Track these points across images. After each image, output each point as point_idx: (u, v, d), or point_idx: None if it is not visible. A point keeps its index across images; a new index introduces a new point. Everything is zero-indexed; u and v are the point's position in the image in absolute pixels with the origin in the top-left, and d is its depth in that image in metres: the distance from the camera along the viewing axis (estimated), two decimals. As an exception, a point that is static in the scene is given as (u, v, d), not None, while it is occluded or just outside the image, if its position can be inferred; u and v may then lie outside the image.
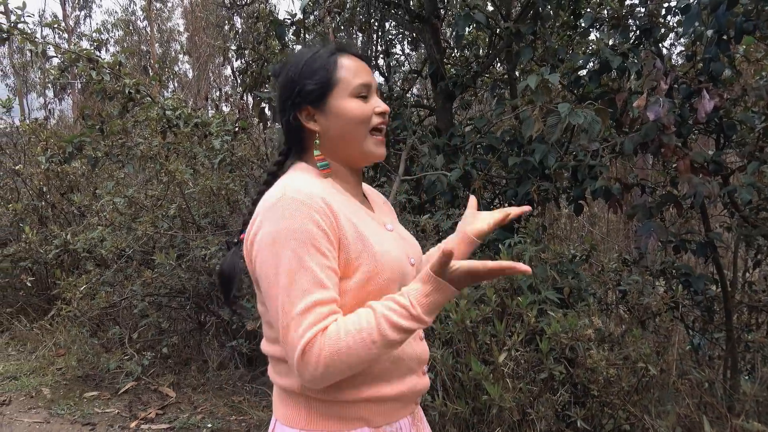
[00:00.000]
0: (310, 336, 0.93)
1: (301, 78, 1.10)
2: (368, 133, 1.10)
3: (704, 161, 2.54)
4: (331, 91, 1.09)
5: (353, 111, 1.09)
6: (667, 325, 3.05)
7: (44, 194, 5.48)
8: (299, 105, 1.10)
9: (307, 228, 0.97)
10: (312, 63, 1.10)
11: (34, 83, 17.76)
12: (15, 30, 3.91)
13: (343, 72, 1.09)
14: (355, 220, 1.06)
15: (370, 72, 1.13)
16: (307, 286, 0.96)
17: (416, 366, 1.15)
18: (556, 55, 3.23)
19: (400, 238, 1.18)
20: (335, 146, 1.12)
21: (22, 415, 3.51)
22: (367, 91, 1.11)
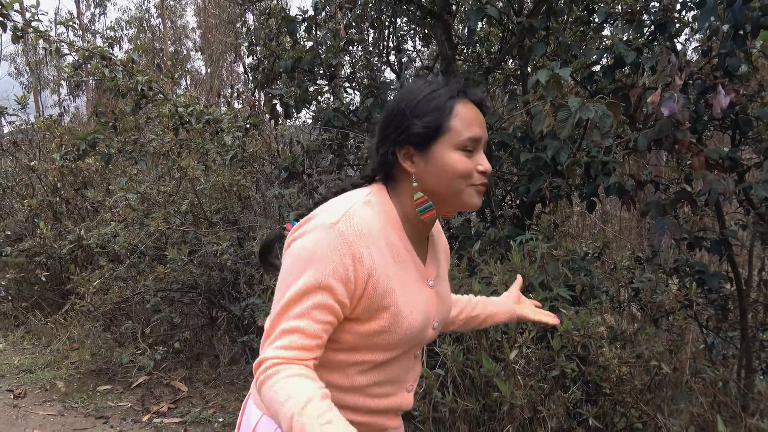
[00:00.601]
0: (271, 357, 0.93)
1: (412, 115, 1.04)
2: (468, 186, 1.04)
3: (719, 158, 2.50)
4: (438, 138, 1.02)
5: (454, 165, 1.02)
6: (680, 324, 3.02)
7: (58, 190, 5.54)
8: (401, 143, 1.05)
9: (330, 269, 0.96)
10: (428, 102, 1.04)
11: (48, 81, 17.95)
12: (29, 28, 3.95)
13: (456, 121, 1.02)
14: (394, 274, 1.03)
15: (483, 124, 1.06)
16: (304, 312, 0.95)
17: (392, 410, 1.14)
18: (569, 51, 3.20)
19: (435, 297, 1.14)
20: (429, 193, 1.06)
21: (37, 408, 3.56)
22: (474, 145, 1.04)
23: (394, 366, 1.09)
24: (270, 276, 3.34)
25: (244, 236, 3.93)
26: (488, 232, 3.01)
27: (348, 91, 4.53)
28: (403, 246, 1.07)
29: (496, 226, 3.10)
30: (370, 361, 1.06)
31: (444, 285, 1.19)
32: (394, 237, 1.05)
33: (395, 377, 1.11)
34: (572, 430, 2.29)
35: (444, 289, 1.19)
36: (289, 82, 3.85)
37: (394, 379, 1.11)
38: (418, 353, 1.16)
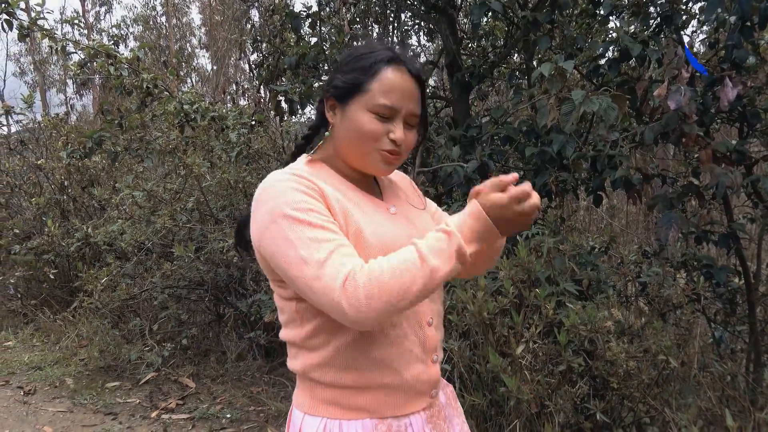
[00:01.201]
0: (348, 269, 0.93)
1: (340, 69, 1.10)
2: (375, 150, 1.07)
3: (727, 151, 2.48)
4: (354, 96, 1.06)
5: (363, 125, 1.06)
6: (688, 318, 3.01)
7: (66, 188, 5.57)
8: (327, 93, 1.11)
9: (296, 198, 0.99)
10: (358, 60, 1.08)
11: (54, 80, 18.02)
12: (35, 26, 3.97)
13: (376, 85, 1.05)
14: (343, 199, 1.06)
15: (410, 95, 1.07)
16: (320, 237, 0.96)
17: (421, 353, 1.10)
18: (574, 44, 3.18)
19: (405, 221, 1.14)
20: (340, 146, 1.11)
21: (47, 405, 3.59)
22: (389, 113, 1.06)
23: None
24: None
25: (250, 233, 3.93)
26: (494, 227, 3.00)
27: (352, 86, 4.51)
28: (346, 186, 1.11)
29: (502, 221, 3.08)
30: None
31: (417, 212, 1.20)
32: (333, 181, 1.10)
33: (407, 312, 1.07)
34: (579, 424, 2.28)
35: (418, 215, 1.20)
36: (293, 78, 3.85)
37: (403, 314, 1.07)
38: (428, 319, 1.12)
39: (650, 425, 2.26)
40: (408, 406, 1.09)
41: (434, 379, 1.14)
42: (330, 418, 1.07)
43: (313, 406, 1.09)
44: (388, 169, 1.10)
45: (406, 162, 3.49)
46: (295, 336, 1.10)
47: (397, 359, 1.07)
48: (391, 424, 1.07)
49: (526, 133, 3.16)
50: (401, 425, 1.08)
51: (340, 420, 1.06)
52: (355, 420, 1.06)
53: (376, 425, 1.06)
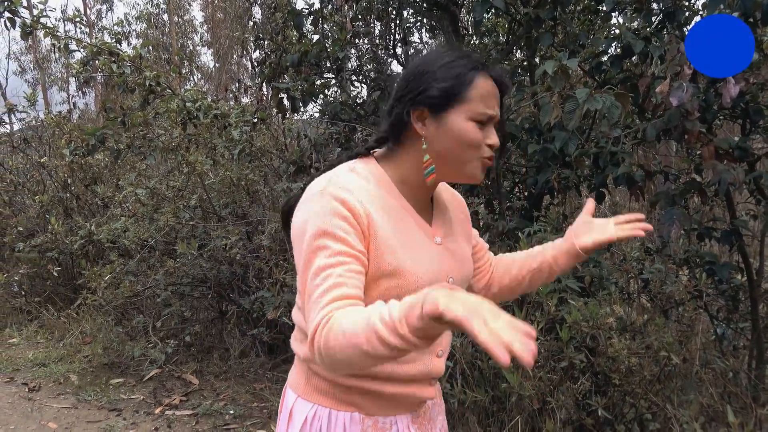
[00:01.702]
0: (317, 322, 0.92)
1: (432, 78, 1.04)
2: (477, 158, 1.06)
3: (729, 147, 2.48)
4: (455, 105, 1.03)
5: (467, 133, 1.03)
6: (690, 314, 3.01)
7: (69, 186, 5.59)
8: (417, 104, 1.05)
9: (334, 223, 0.98)
10: (449, 68, 1.04)
11: (55, 78, 18.05)
12: (38, 24, 3.98)
13: (474, 92, 1.03)
14: (391, 231, 1.03)
15: (498, 102, 1.07)
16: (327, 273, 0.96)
17: (423, 378, 1.13)
18: (576, 41, 3.17)
19: (446, 254, 1.13)
20: (435, 158, 1.07)
21: (51, 401, 3.61)
22: (487, 120, 1.05)
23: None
24: (279, 270, 3.36)
25: (252, 230, 3.95)
26: (496, 224, 3.01)
27: (355, 84, 4.52)
28: (400, 205, 1.08)
29: (505, 218, 3.09)
30: None
31: (460, 244, 1.18)
32: (387, 197, 1.06)
33: None
34: (581, 420, 2.29)
35: (460, 247, 1.18)
36: (295, 75, 3.85)
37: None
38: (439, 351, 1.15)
39: (652, 421, 2.26)
40: (396, 410, 1.14)
41: (427, 397, 1.17)
42: (321, 405, 1.11)
43: (307, 391, 1.14)
44: (481, 177, 1.09)
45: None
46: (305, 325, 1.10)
47: (398, 377, 1.10)
48: (377, 420, 1.12)
49: (528, 130, 3.16)
50: (387, 422, 1.13)
51: (330, 409, 1.11)
52: (345, 411, 1.11)
53: (363, 419, 1.11)
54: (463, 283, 1.17)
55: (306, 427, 1.12)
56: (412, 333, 0.79)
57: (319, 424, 1.11)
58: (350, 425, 1.10)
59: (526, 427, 2.28)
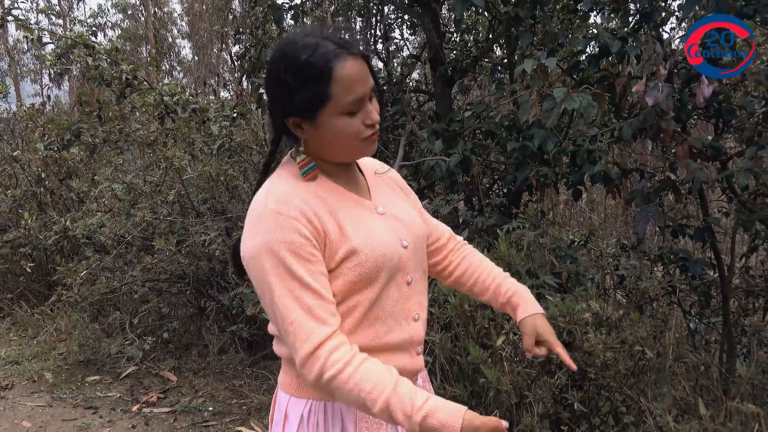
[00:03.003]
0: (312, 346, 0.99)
1: (292, 86, 1.02)
2: (358, 142, 1.07)
3: (703, 146, 2.54)
4: (321, 108, 1.03)
5: (342, 129, 1.05)
6: (664, 310, 3.07)
7: (43, 180, 5.47)
8: (287, 115, 1.06)
9: (290, 238, 1.00)
10: (306, 68, 1.01)
11: (28, 69, 17.64)
12: (9, 16, 3.88)
13: (336, 87, 1.01)
14: (338, 214, 1.07)
15: (365, 75, 1.05)
16: (300, 294, 1.00)
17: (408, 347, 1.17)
18: (555, 40, 3.21)
19: (393, 221, 1.16)
20: (322, 151, 1.10)
21: (25, 399, 3.55)
22: (358, 105, 1.04)
23: (386, 299, 1.11)
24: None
25: (232, 226, 3.92)
26: (475, 221, 3.03)
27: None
28: (333, 189, 1.11)
29: (484, 215, 3.12)
30: (360, 303, 1.08)
31: (400, 210, 1.21)
32: (320, 188, 1.09)
33: (392, 310, 1.12)
34: (558, 414, 2.33)
35: (401, 212, 1.20)
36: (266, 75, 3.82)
37: (391, 312, 1.12)
38: (408, 279, 1.16)
39: (626, 414, 2.31)
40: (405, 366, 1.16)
41: (417, 370, 1.21)
42: (315, 399, 1.13)
43: (299, 388, 1.15)
44: (373, 149, 1.11)
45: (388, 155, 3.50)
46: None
47: (385, 352, 1.12)
48: None
49: (507, 127, 3.19)
50: None
51: (324, 401, 1.12)
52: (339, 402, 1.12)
53: None
54: (418, 242, 1.20)
55: (303, 424, 1.12)
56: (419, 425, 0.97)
57: (316, 419, 1.12)
58: (346, 413, 1.12)
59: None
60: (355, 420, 1.12)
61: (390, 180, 1.29)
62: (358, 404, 1.00)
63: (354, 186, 1.17)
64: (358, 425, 1.12)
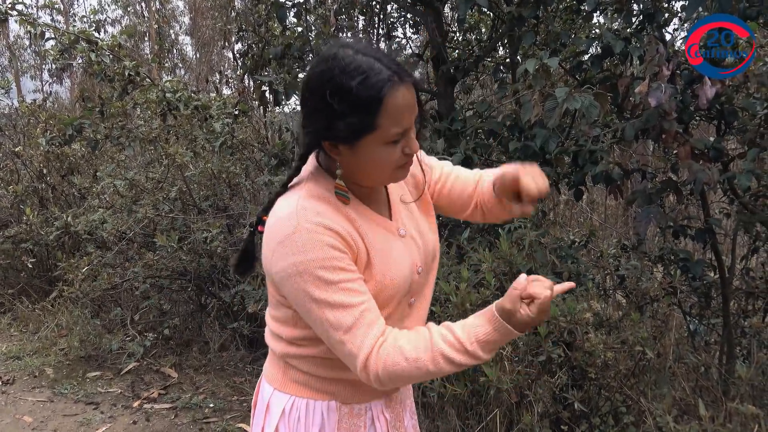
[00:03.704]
0: (368, 349, 1.00)
1: (337, 112, 0.96)
2: (394, 170, 1.05)
3: (705, 148, 2.54)
4: (364, 135, 0.98)
5: (382, 159, 1.01)
6: (664, 311, 3.07)
7: (44, 176, 5.47)
8: (326, 138, 1.01)
9: (327, 255, 0.98)
10: (356, 96, 0.94)
11: (28, 65, 17.63)
12: (13, 11, 3.89)
13: (384, 119, 0.96)
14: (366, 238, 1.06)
15: (414, 106, 1.01)
16: (346, 302, 0.99)
17: None
18: (558, 40, 3.21)
19: (411, 244, 1.15)
20: (354, 174, 1.06)
21: (26, 394, 3.56)
22: (402, 136, 1.01)
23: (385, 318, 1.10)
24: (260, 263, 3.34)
25: (233, 223, 3.92)
26: (477, 220, 3.03)
27: (337, 78, 4.49)
28: (362, 213, 1.09)
29: (485, 214, 3.12)
30: None
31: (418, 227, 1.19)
32: (350, 210, 1.06)
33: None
34: (558, 413, 2.34)
35: (421, 227, 1.20)
36: (278, 68, 3.83)
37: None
38: (411, 301, 1.17)
39: (626, 414, 2.32)
40: (370, 396, 1.18)
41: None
42: (299, 396, 1.15)
43: (284, 383, 1.17)
44: (405, 176, 1.09)
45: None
46: (283, 331, 1.15)
47: None
48: (353, 407, 1.16)
49: (509, 127, 3.19)
50: (362, 408, 1.17)
51: (307, 399, 1.14)
52: (322, 401, 1.14)
53: (340, 407, 1.15)
54: (430, 263, 1.20)
55: (284, 418, 1.15)
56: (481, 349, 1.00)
57: (297, 414, 1.14)
58: (327, 414, 1.14)
59: (504, 420, 2.31)
60: (336, 420, 1.14)
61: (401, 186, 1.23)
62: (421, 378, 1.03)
63: (377, 203, 1.15)
64: (338, 425, 1.14)
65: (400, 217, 1.17)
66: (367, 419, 1.17)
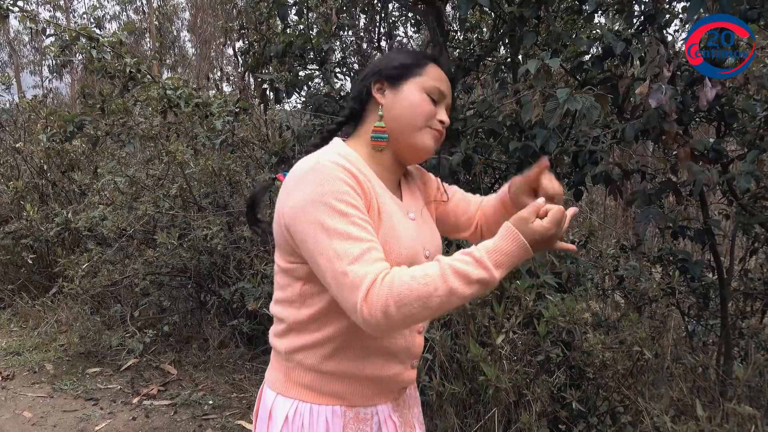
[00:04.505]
0: (372, 278, 0.95)
1: (392, 57, 1.19)
2: (425, 126, 1.15)
3: (704, 149, 2.55)
4: (410, 77, 1.15)
5: (421, 103, 1.14)
6: (663, 311, 3.09)
7: (45, 172, 5.48)
8: (377, 77, 1.17)
9: (342, 189, 1.00)
10: (408, 55, 1.19)
11: (28, 61, 17.61)
12: (15, 7, 3.89)
13: (428, 72, 1.16)
14: (380, 199, 1.09)
15: (449, 88, 1.19)
16: (356, 235, 0.98)
17: (405, 358, 1.16)
18: (559, 40, 3.21)
19: (420, 227, 1.19)
20: (391, 125, 1.15)
21: (26, 390, 3.57)
22: (439, 97, 1.17)
23: None
24: (260, 261, 3.35)
25: (233, 221, 3.93)
26: (477, 220, 3.04)
27: (339, 76, 4.51)
28: (375, 181, 1.13)
29: (485, 214, 3.12)
30: None
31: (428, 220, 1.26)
32: (365, 173, 1.11)
33: None
34: (556, 413, 2.35)
35: (429, 223, 1.25)
36: (279, 66, 3.83)
37: None
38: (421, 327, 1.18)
39: (624, 414, 2.33)
40: (376, 398, 1.15)
41: (408, 382, 1.21)
42: (302, 401, 1.11)
43: (287, 387, 1.13)
44: (433, 147, 1.17)
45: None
46: (288, 316, 1.12)
47: (382, 355, 1.12)
48: (359, 411, 1.13)
49: (510, 127, 3.20)
50: (368, 413, 1.14)
51: (311, 404, 1.11)
52: (326, 405, 1.11)
53: (345, 412, 1.11)
54: (436, 252, 1.21)
55: (287, 425, 1.10)
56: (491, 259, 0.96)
57: (301, 421, 1.10)
58: (332, 419, 1.10)
59: (502, 419, 2.32)
60: (342, 426, 1.10)
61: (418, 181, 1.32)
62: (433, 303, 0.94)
63: (392, 188, 1.19)
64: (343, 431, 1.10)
65: (410, 205, 1.21)
66: (373, 424, 1.14)
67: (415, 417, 1.25)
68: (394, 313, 0.94)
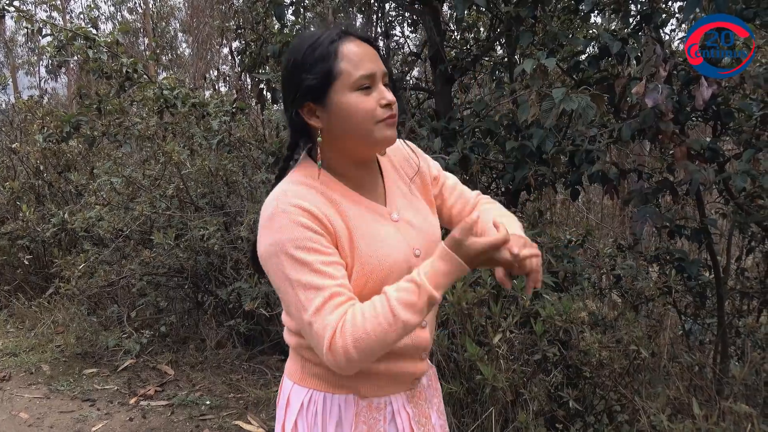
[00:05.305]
0: (332, 329, 0.98)
1: (301, 71, 1.05)
2: (375, 123, 1.05)
3: (701, 148, 2.55)
4: (331, 85, 1.03)
5: (355, 107, 1.04)
6: (659, 310, 3.10)
7: (41, 173, 5.47)
8: (300, 101, 1.06)
9: (303, 236, 1.01)
10: (312, 53, 1.04)
11: (24, 61, 17.57)
12: (11, 7, 3.88)
13: (343, 63, 1.03)
14: (350, 221, 1.07)
15: (374, 57, 1.06)
16: (317, 284, 1.00)
17: (413, 352, 1.18)
18: (556, 40, 3.21)
19: (407, 228, 1.16)
20: (340, 143, 1.09)
21: (23, 391, 3.56)
22: (370, 81, 1.05)
23: None
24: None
25: (230, 221, 3.92)
26: (474, 219, 3.04)
27: (336, 76, 4.49)
28: (346, 195, 1.10)
29: (482, 213, 3.12)
30: None
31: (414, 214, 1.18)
32: (333, 194, 1.09)
33: None
34: (553, 412, 2.35)
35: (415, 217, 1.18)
36: (276, 66, 3.82)
37: None
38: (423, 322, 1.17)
39: (620, 413, 2.33)
40: (389, 389, 1.17)
41: (420, 373, 1.22)
42: (317, 390, 1.16)
43: (302, 378, 1.18)
44: (394, 135, 1.09)
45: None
46: (291, 324, 1.18)
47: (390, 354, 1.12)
48: (371, 401, 1.16)
49: (507, 126, 3.20)
50: (381, 402, 1.16)
51: (325, 393, 1.15)
52: (339, 395, 1.15)
53: (358, 401, 1.15)
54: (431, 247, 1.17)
55: (303, 411, 1.16)
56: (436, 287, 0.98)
57: (315, 408, 1.15)
58: (345, 407, 1.14)
59: (499, 418, 2.32)
60: (354, 414, 1.14)
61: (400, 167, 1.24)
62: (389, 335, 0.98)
63: (371, 191, 1.16)
64: (356, 419, 1.14)
65: (395, 203, 1.18)
66: (387, 413, 1.16)
67: (434, 408, 1.27)
68: (357, 356, 0.98)
